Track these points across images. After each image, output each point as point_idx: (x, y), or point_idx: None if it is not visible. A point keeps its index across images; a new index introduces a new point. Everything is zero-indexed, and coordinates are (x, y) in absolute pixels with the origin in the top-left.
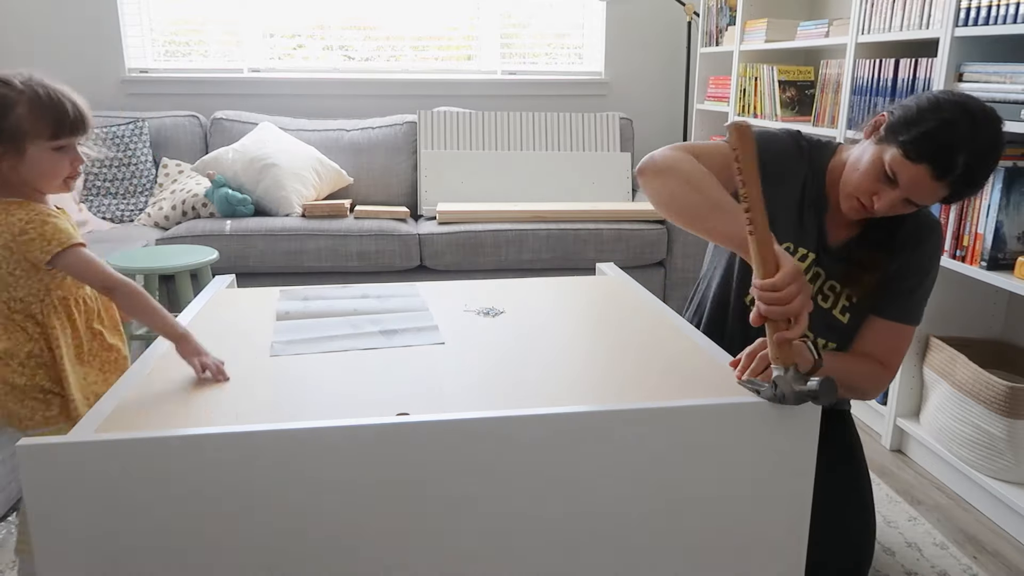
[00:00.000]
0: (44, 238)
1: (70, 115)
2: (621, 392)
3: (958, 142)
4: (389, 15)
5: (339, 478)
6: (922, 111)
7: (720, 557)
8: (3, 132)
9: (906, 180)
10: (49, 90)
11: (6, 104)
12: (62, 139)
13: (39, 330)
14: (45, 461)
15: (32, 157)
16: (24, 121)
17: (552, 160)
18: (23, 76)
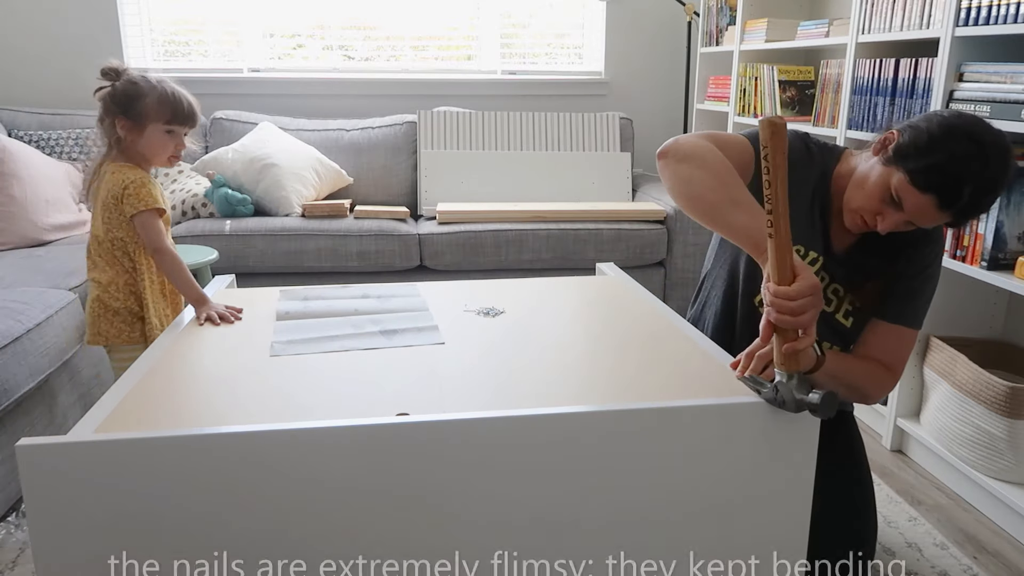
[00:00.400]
0: (137, 197)
1: (184, 109)
2: (621, 392)
3: (967, 176)
4: (389, 15)
5: (339, 478)
6: (933, 139)
7: (720, 557)
8: (133, 112)
9: (911, 207)
10: (173, 88)
11: (141, 93)
12: (173, 125)
13: (132, 265)
14: (44, 461)
15: (149, 135)
16: (150, 107)
17: (552, 160)
18: (159, 77)
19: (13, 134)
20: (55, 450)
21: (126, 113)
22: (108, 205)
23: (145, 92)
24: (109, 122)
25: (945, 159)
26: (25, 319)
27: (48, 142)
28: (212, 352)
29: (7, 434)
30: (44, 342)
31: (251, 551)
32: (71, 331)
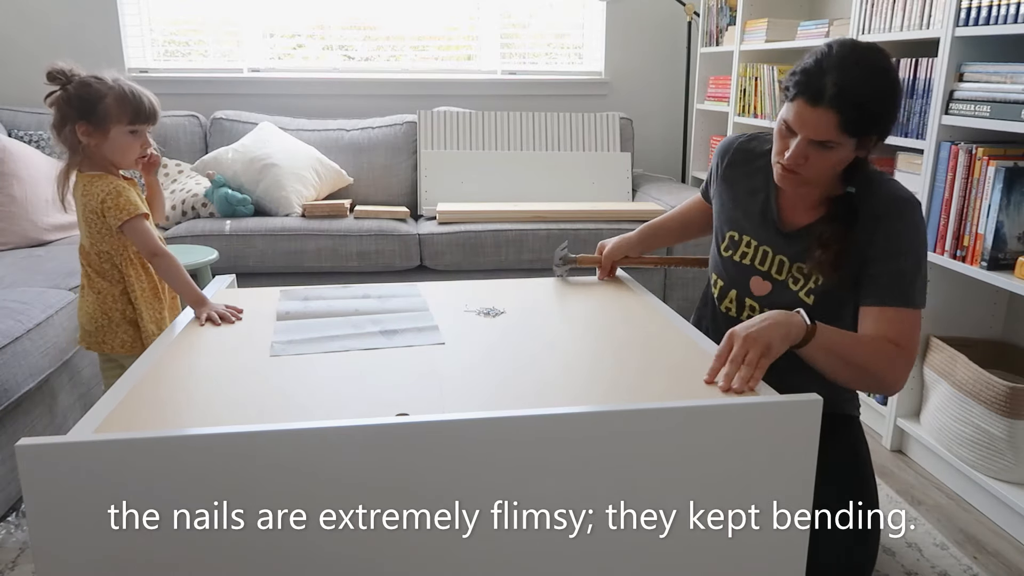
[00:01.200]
0: (118, 208)
1: (146, 107)
2: (621, 393)
3: (816, 64)
4: (389, 15)
5: (338, 478)
6: (800, 60)
7: (721, 558)
8: (94, 116)
9: (793, 120)
10: (131, 86)
11: (99, 95)
12: (137, 125)
13: (120, 276)
14: (44, 461)
15: (113, 138)
16: (110, 109)
17: (552, 160)
18: (113, 75)
19: (13, 134)
20: (55, 450)
21: (86, 118)
22: (90, 219)
23: (103, 93)
24: (69, 129)
25: (803, 62)
26: (25, 319)
27: (48, 142)
28: (212, 352)
29: (7, 434)
30: (44, 342)
31: (250, 551)
32: (71, 331)
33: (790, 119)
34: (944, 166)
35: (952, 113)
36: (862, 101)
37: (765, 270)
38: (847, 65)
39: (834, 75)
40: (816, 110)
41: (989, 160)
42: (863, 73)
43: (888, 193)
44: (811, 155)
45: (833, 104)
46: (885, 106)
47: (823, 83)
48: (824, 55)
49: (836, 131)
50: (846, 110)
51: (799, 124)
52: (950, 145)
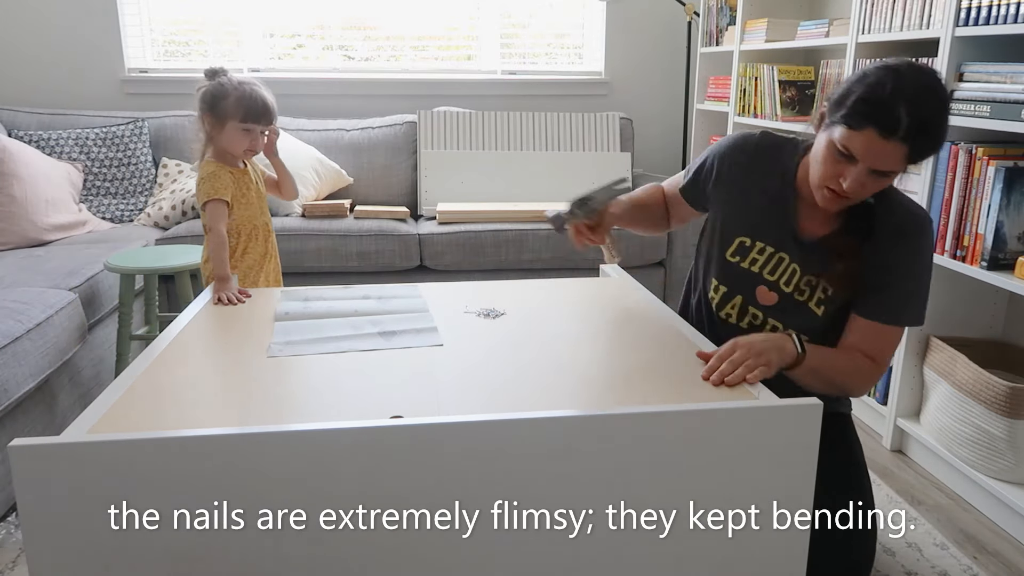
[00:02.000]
0: (202, 191)
1: (258, 109)
2: (621, 395)
3: (890, 96)
4: (389, 15)
5: (337, 479)
6: (850, 84)
7: (721, 559)
8: (216, 111)
9: (860, 150)
10: (253, 90)
11: (224, 93)
12: (248, 123)
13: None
14: (37, 462)
15: (228, 131)
16: (229, 106)
17: (552, 160)
18: (243, 79)
19: (13, 134)
20: (48, 451)
21: (211, 111)
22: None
23: (228, 92)
24: (199, 117)
25: (864, 90)
26: (25, 319)
27: (48, 142)
28: (209, 352)
29: (7, 434)
30: (44, 342)
31: (246, 552)
32: (71, 331)
33: (854, 148)
34: (944, 166)
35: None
36: (933, 132)
37: (774, 280)
38: (920, 95)
39: (908, 107)
40: (888, 143)
41: (989, 160)
42: (934, 102)
43: (906, 208)
44: (869, 183)
45: (907, 137)
46: (944, 133)
47: (897, 115)
48: (895, 83)
49: (903, 162)
50: (918, 142)
51: (865, 154)
52: (950, 145)
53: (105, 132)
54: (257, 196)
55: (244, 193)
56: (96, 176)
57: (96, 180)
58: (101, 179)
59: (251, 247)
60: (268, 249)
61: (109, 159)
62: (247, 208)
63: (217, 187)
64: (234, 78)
